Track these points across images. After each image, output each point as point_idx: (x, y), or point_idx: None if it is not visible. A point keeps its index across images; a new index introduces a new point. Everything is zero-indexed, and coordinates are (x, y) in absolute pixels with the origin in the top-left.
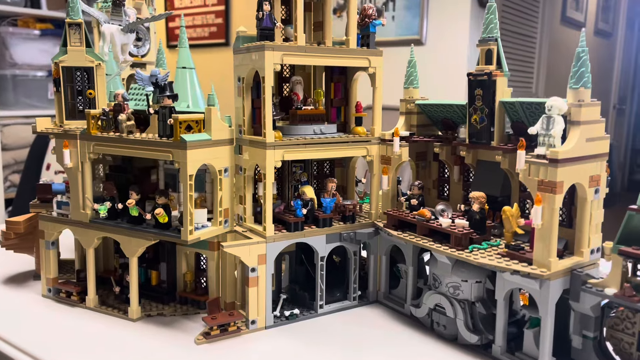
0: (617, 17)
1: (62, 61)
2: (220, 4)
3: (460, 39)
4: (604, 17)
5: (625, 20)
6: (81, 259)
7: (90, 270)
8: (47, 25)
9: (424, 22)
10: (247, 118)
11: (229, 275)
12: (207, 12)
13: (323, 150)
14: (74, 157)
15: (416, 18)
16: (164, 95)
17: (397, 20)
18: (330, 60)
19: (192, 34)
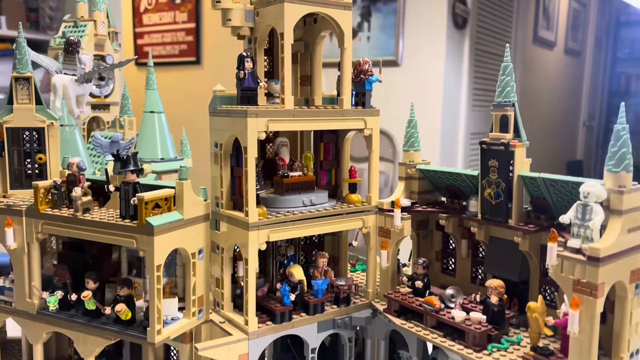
0: (585, 35)
1: (7, 121)
2: (191, 21)
3: (437, 60)
4: (573, 36)
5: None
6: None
7: None
8: (7, 45)
9: (399, 43)
10: (226, 189)
11: None
12: (177, 29)
13: (314, 225)
14: (18, 236)
15: (391, 39)
16: (126, 169)
17: (372, 41)
18: (322, 124)
19: (162, 52)
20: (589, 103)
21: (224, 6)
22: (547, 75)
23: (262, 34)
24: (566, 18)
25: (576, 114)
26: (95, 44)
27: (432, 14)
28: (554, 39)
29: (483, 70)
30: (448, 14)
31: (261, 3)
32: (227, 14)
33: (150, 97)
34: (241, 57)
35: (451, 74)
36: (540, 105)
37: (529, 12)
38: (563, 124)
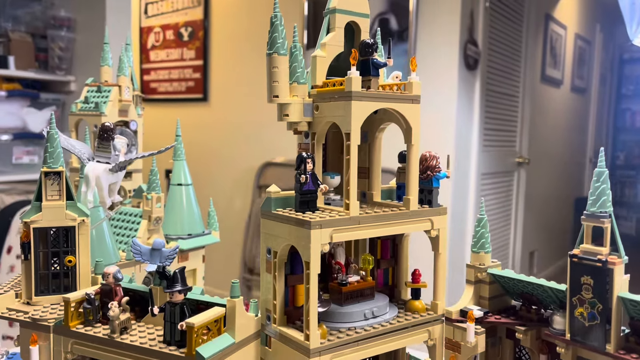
0: (590, 72)
1: (34, 221)
2: (199, 58)
3: (449, 101)
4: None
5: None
6: None
7: None
8: (15, 85)
9: None
10: (280, 302)
11: None
12: (185, 66)
13: (378, 344)
14: (44, 355)
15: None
16: (173, 289)
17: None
18: (388, 229)
19: (169, 88)
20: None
21: (282, 101)
22: (555, 113)
23: (322, 129)
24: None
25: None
26: (119, 109)
27: (443, 55)
28: (561, 77)
29: (493, 110)
30: (460, 55)
31: (322, 97)
32: (285, 108)
33: (178, 169)
34: (301, 158)
35: (463, 114)
36: (549, 142)
37: (537, 50)
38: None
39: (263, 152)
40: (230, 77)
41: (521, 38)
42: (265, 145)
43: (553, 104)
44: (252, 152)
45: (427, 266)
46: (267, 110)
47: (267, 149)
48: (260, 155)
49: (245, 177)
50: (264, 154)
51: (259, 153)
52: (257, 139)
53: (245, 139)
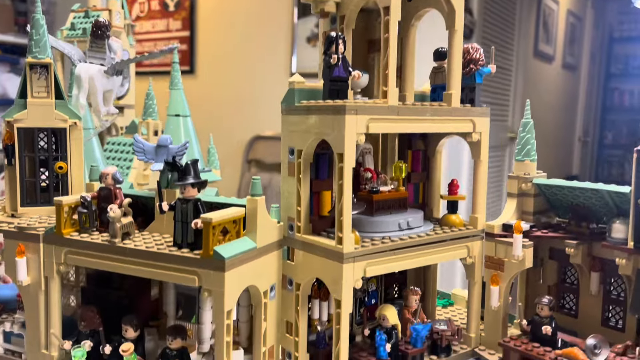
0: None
1: (18, 120)
2: (185, 29)
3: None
4: (570, 50)
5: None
6: None
7: None
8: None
9: None
10: (304, 209)
11: None
12: (171, 37)
13: (415, 256)
14: (33, 269)
15: None
16: (186, 182)
17: None
18: (428, 124)
19: (154, 60)
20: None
21: None
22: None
23: (352, 11)
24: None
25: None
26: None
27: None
28: (553, 52)
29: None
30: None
31: None
32: None
33: (175, 99)
34: (331, 38)
35: None
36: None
37: (530, 24)
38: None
39: (252, 125)
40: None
41: (515, 10)
42: (254, 118)
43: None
44: (240, 125)
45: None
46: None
47: (256, 123)
48: (249, 128)
49: (234, 151)
50: (253, 127)
51: (248, 126)
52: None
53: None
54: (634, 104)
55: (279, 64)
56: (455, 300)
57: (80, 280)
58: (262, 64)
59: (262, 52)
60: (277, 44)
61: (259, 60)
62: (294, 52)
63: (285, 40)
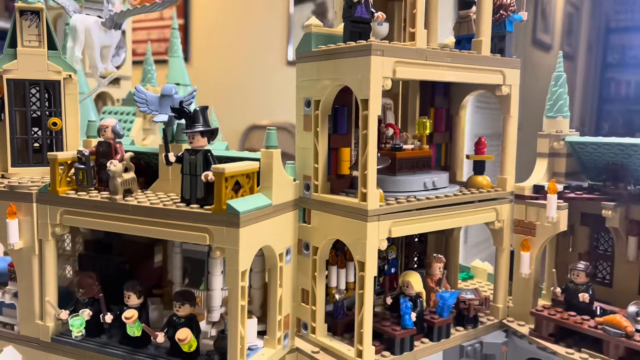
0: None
1: (8, 71)
2: (179, 17)
3: None
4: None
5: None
6: None
7: None
8: None
9: None
10: (322, 166)
11: None
12: (164, 25)
13: (442, 217)
14: (26, 231)
15: None
16: (194, 130)
17: None
18: (456, 73)
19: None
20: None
21: None
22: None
23: None
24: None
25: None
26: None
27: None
28: (551, 41)
29: None
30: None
31: None
32: None
33: (175, 67)
34: None
35: None
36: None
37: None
38: None
39: (248, 115)
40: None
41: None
42: (250, 107)
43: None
44: (236, 115)
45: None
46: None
47: (252, 112)
48: (245, 118)
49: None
50: (248, 116)
51: (243, 116)
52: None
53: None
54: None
55: (275, 52)
56: (475, 273)
57: (77, 248)
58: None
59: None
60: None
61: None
62: (290, 40)
63: (281, 28)
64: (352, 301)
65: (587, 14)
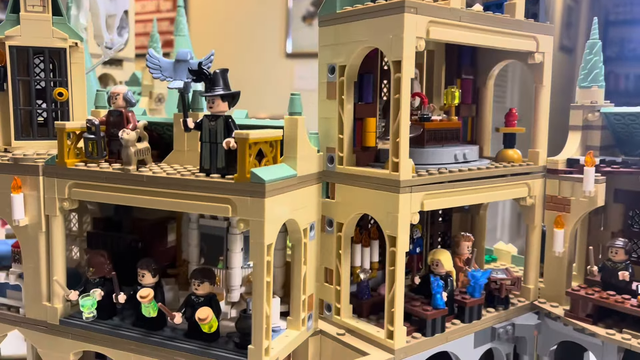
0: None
1: (10, 37)
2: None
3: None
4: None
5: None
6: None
7: None
8: None
9: None
10: (347, 137)
11: None
12: (161, 18)
13: (474, 191)
14: (32, 206)
15: None
16: (214, 94)
17: None
18: (490, 37)
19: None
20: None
21: None
22: None
23: None
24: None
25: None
26: None
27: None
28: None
29: None
30: None
31: None
32: None
33: (181, 46)
34: None
35: None
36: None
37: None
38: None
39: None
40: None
41: None
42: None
43: None
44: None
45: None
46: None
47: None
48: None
49: None
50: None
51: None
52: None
53: None
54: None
55: (273, 44)
56: (498, 255)
57: (83, 228)
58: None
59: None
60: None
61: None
62: (289, 32)
63: (279, 20)
64: (376, 282)
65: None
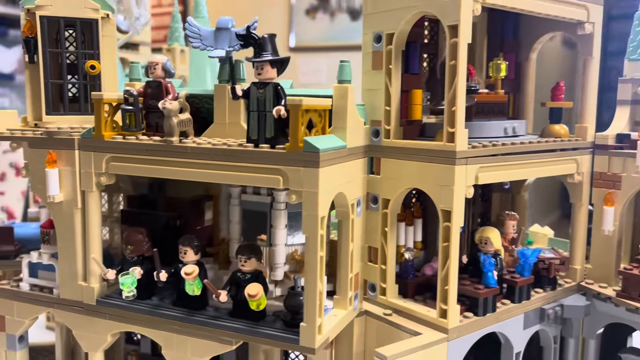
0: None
1: (41, 7)
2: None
3: None
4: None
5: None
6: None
7: None
8: None
9: None
10: (395, 109)
11: None
12: (163, 12)
13: (524, 166)
14: (67, 183)
15: None
16: (262, 59)
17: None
18: (542, 4)
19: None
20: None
21: None
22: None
23: None
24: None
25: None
26: None
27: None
28: None
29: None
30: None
31: None
32: None
33: None
34: None
35: None
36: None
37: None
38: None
39: None
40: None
41: None
42: None
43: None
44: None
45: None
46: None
47: None
48: None
49: None
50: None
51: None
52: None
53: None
54: None
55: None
56: (534, 238)
57: (114, 209)
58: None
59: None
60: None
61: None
62: (292, 28)
63: (282, 13)
64: (418, 262)
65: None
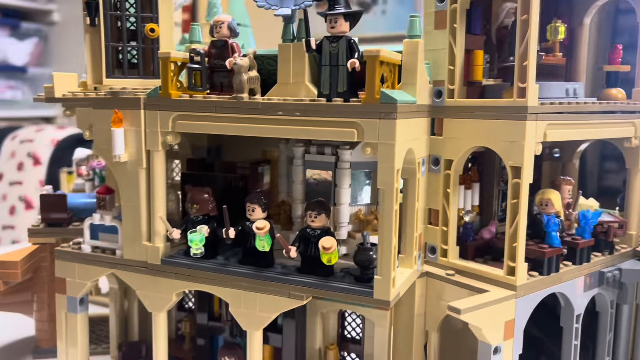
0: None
1: None
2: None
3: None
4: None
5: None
6: (122, 322)
7: (161, 355)
8: None
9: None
10: (459, 68)
11: (406, 352)
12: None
13: (586, 126)
14: (132, 143)
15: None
16: (336, 12)
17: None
18: None
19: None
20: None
21: None
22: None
23: None
24: None
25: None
26: None
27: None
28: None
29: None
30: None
31: None
32: None
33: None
34: None
35: None
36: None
37: None
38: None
39: None
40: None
41: None
42: None
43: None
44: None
45: None
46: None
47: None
48: None
49: None
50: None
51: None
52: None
53: None
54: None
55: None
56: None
57: (169, 175)
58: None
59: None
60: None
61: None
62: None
63: None
64: (475, 226)
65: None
